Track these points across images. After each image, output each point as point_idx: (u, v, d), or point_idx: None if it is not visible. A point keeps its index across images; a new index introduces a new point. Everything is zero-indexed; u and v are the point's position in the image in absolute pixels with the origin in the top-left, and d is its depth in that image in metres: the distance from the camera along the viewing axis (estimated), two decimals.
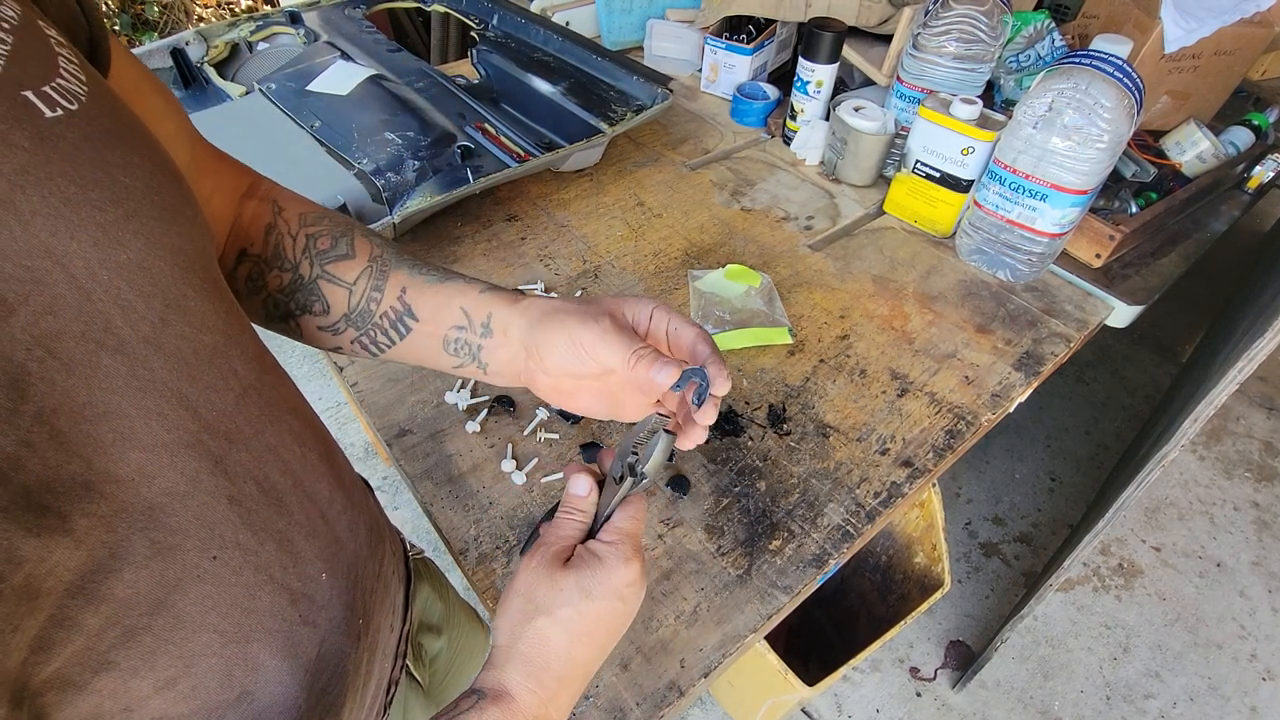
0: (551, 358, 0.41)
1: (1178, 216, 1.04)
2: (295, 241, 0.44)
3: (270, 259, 0.43)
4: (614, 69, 1.13)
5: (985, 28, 0.90)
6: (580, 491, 0.41)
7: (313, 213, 0.45)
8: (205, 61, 1.10)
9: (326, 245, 0.44)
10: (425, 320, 0.44)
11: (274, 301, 0.44)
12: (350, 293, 0.44)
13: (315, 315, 0.44)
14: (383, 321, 0.44)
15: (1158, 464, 0.82)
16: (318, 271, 0.44)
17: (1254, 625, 1.50)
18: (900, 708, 1.35)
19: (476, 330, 0.43)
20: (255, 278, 0.43)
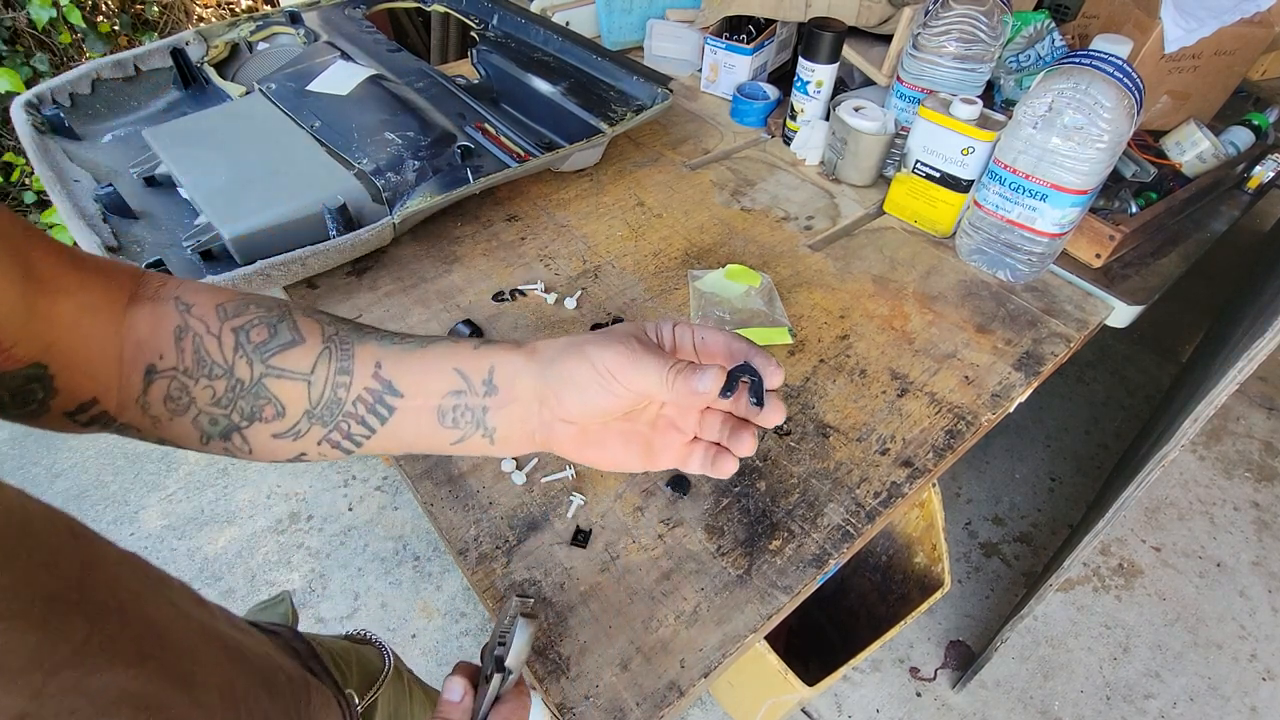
0: (573, 397, 0.36)
1: (1178, 216, 1.04)
2: (221, 341, 0.36)
3: (192, 368, 0.35)
4: (614, 69, 1.13)
5: (985, 28, 0.90)
6: (453, 698, 0.39)
7: (231, 301, 0.37)
8: (205, 61, 1.10)
9: (264, 336, 0.36)
10: (412, 394, 0.37)
11: (209, 418, 0.36)
12: (309, 384, 0.36)
13: (268, 422, 0.36)
14: (357, 408, 0.37)
15: (1158, 464, 0.82)
16: (261, 370, 0.36)
17: (1254, 625, 1.50)
18: (900, 708, 1.35)
19: (478, 390, 0.37)
20: (177, 396, 0.35)
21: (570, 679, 0.54)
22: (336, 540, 1.57)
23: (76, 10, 1.73)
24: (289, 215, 0.81)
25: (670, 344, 0.38)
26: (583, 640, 0.56)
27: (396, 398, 0.37)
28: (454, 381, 0.37)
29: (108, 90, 1.03)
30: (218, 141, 0.91)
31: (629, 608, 0.58)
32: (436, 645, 1.41)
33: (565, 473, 0.67)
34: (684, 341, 0.39)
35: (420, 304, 0.84)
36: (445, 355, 0.37)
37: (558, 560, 0.61)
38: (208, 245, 0.82)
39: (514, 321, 0.83)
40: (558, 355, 0.36)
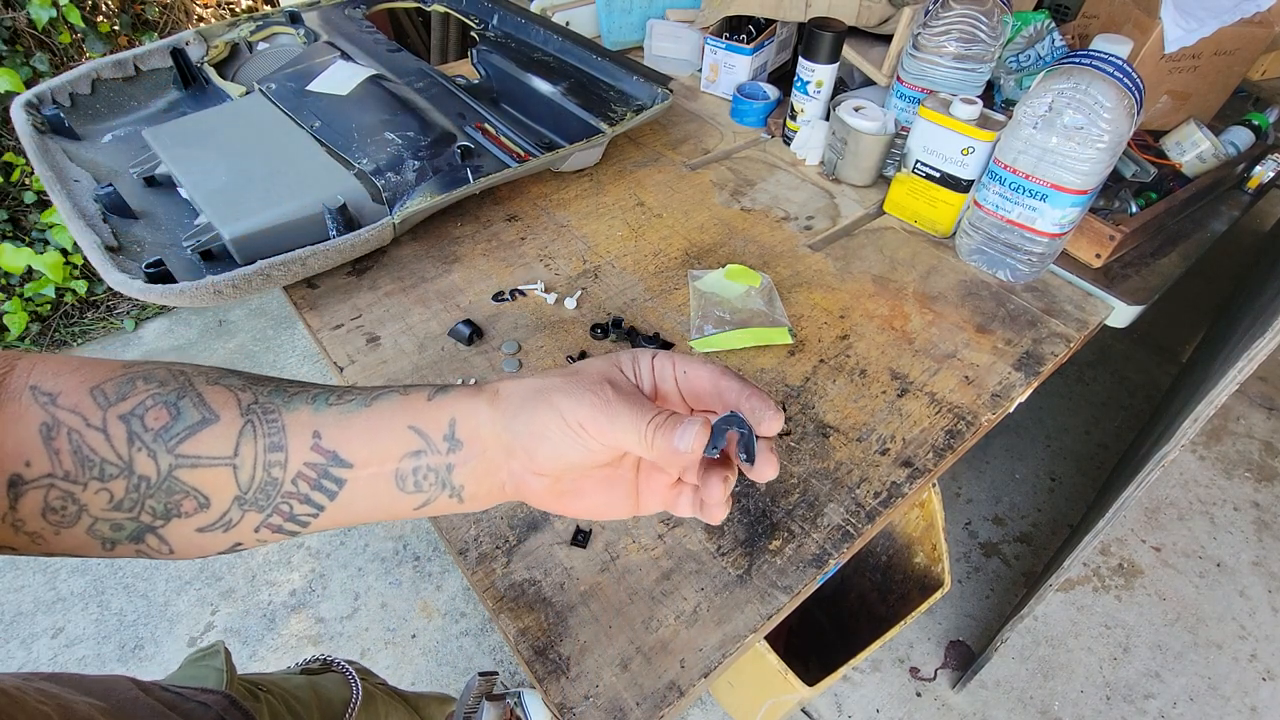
0: (544, 451, 0.32)
1: (1178, 216, 1.04)
2: (108, 434, 0.29)
3: (75, 472, 0.29)
4: (614, 69, 1.13)
5: (985, 28, 0.90)
6: None
7: (110, 381, 0.30)
8: (205, 61, 1.10)
9: (164, 419, 0.30)
10: (363, 462, 0.32)
11: (111, 524, 0.30)
12: (235, 469, 0.31)
13: (188, 516, 0.31)
14: (298, 487, 0.31)
15: (1158, 464, 0.82)
16: (170, 461, 0.30)
17: (1254, 625, 1.50)
18: (900, 708, 1.35)
19: (440, 448, 0.32)
20: (60, 506, 0.29)
21: (570, 679, 0.54)
22: (336, 540, 1.57)
23: (76, 10, 1.73)
24: (289, 215, 0.81)
25: (650, 382, 0.34)
26: (583, 640, 0.56)
27: (345, 469, 0.32)
28: (411, 441, 0.32)
29: (108, 90, 1.03)
30: (218, 141, 0.91)
31: (629, 608, 0.58)
32: (436, 645, 1.41)
33: None
34: (665, 377, 0.34)
35: (420, 304, 0.84)
36: (396, 412, 0.32)
37: (558, 560, 0.61)
38: (208, 245, 0.82)
39: (514, 321, 0.83)
40: (523, 404, 0.32)
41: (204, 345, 1.99)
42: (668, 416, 0.31)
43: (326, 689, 0.65)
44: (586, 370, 0.33)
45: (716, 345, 0.80)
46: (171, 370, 0.32)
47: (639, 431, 0.30)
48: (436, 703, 0.79)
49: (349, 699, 0.61)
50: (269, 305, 2.12)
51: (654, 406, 0.32)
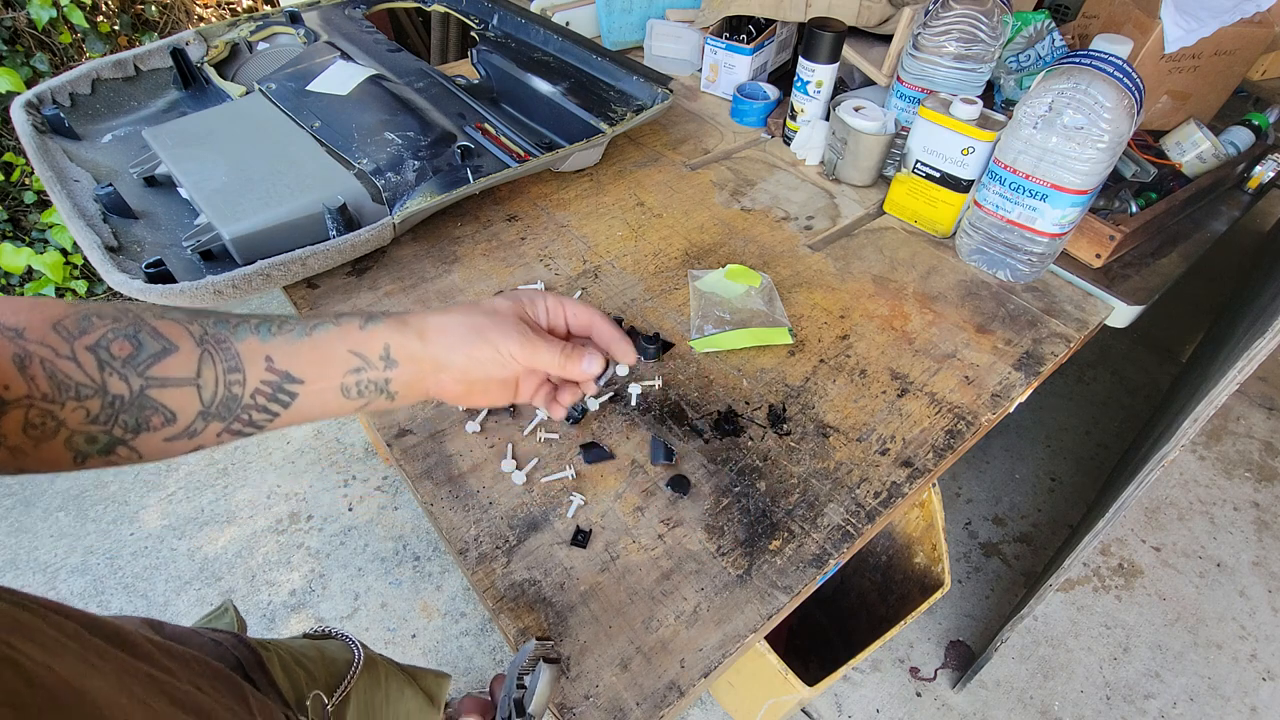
0: (476, 371, 0.42)
1: (1178, 216, 1.04)
2: (79, 361, 0.34)
3: (53, 394, 0.33)
4: (614, 69, 1.13)
5: (985, 28, 0.90)
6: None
7: (69, 317, 0.34)
8: (205, 61, 1.10)
9: (128, 349, 0.35)
10: (312, 379, 0.39)
11: (85, 437, 0.34)
12: (199, 388, 0.36)
13: (157, 430, 0.36)
14: (256, 400, 0.37)
15: (1158, 464, 0.82)
16: (141, 383, 0.35)
17: (1254, 625, 1.50)
18: (900, 708, 1.35)
19: (378, 365, 0.40)
20: (40, 422, 0.33)
21: (570, 679, 0.54)
22: (336, 540, 1.57)
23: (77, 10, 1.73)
24: (289, 215, 0.81)
25: (546, 319, 0.45)
26: (583, 640, 0.56)
27: (297, 384, 0.38)
28: (353, 361, 0.40)
29: (108, 90, 1.03)
30: (218, 141, 0.90)
31: (629, 608, 0.58)
32: (436, 645, 1.41)
33: (565, 473, 0.67)
34: (557, 315, 0.45)
35: (420, 304, 0.84)
36: (335, 340, 0.39)
37: (558, 560, 0.61)
38: (208, 245, 0.82)
39: None
40: (462, 340, 0.41)
41: None
42: (574, 348, 0.43)
43: (330, 650, 0.66)
44: (502, 309, 0.43)
45: (717, 345, 0.80)
46: (118, 308, 0.36)
47: (556, 359, 0.42)
48: (433, 677, 0.79)
49: (352, 661, 0.62)
50: (269, 305, 2.12)
51: (559, 340, 0.43)
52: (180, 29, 2.08)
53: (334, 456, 1.73)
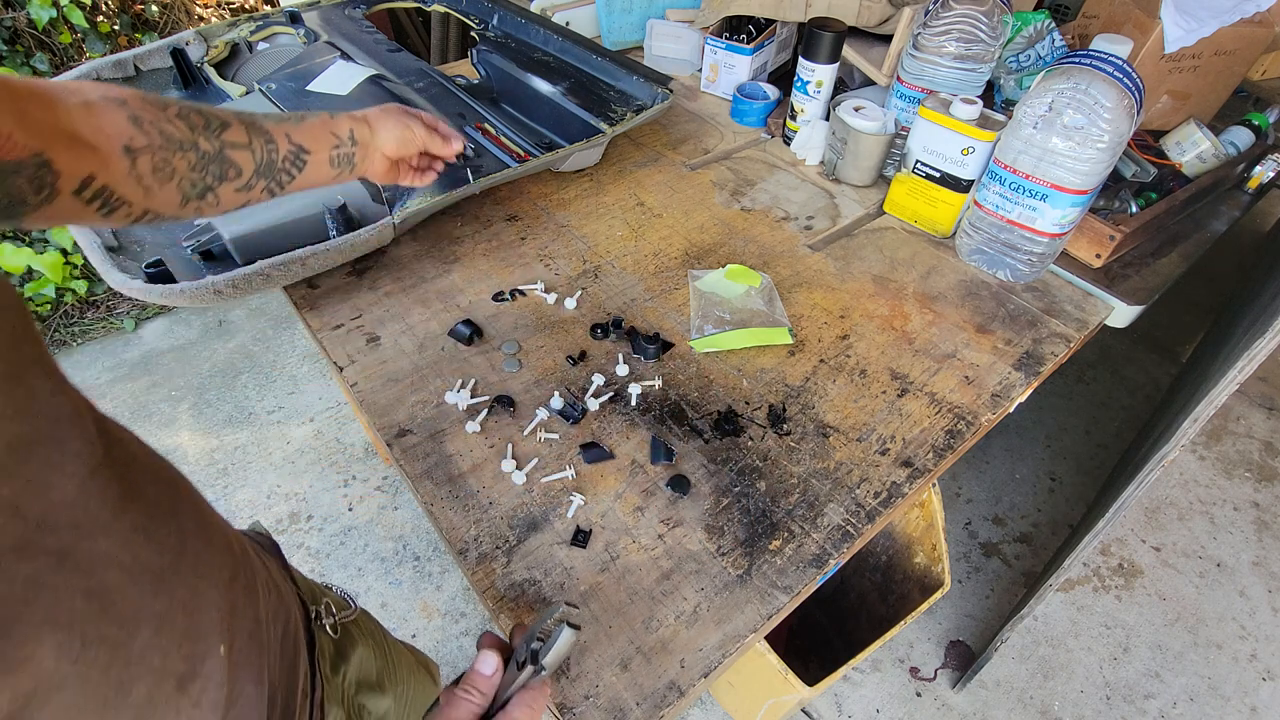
0: (401, 149, 0.65)
1: (1178, 216, 1.04)
2: (175, 125, 0.47)
3: (164, 145, 0.46)
4: (614, 69, 1.13)
5: (985, 28, 0.90)
6: (485, 671, 0.42)
7: (149, 96, 0.48)
8: (205, 61, 1.10)
9: (202, 122, 0.49)
10: (315, 150, 0.57)
11: (190, 182, 0.49)
12: (252, 151, 0.52)
13: (231, 180, 0.51)
14: (285, 164, 0.55)
15: (1158, 464, 0.82)
16: (218, 144, 0.50)
17: (1254, 625, 1.50)
18: (900, 708, 1.35)
19: (347, 144, 0.60)
20: (162, 166, 0.46)
21: (570, 679, 0.54)
22: (336, 540, 1.57)
23: (77, 10, 1.73)
24: (289, 215, 0.81)
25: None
26: (583, 640, 0.56)
27: (307, 154, 0.57)
28: (333, 140, 0.59)
29: None
30: None
31: (629, 608, 0.58)
32: (436, 645, 1.41)
33: (565, 473, 0.67)
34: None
35: (420, 304, 0.84)
36: (320, 125, 0.59)
37: (558, 560, 0.61)
38: (208, 245, 0.82)
39: (514, 321, 0.83)
40: (392, 127, 0.64)
41: (204, 345, 1.99)
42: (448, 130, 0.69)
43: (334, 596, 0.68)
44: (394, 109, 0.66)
45: (717, 345, 0.80)
46: (179, 101, 0.49)
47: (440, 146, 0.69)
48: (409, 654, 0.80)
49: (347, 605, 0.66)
50: (269, 305, 2.12)
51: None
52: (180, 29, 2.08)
53: (334, 456, 1.73)
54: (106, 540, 0.28)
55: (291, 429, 1.80)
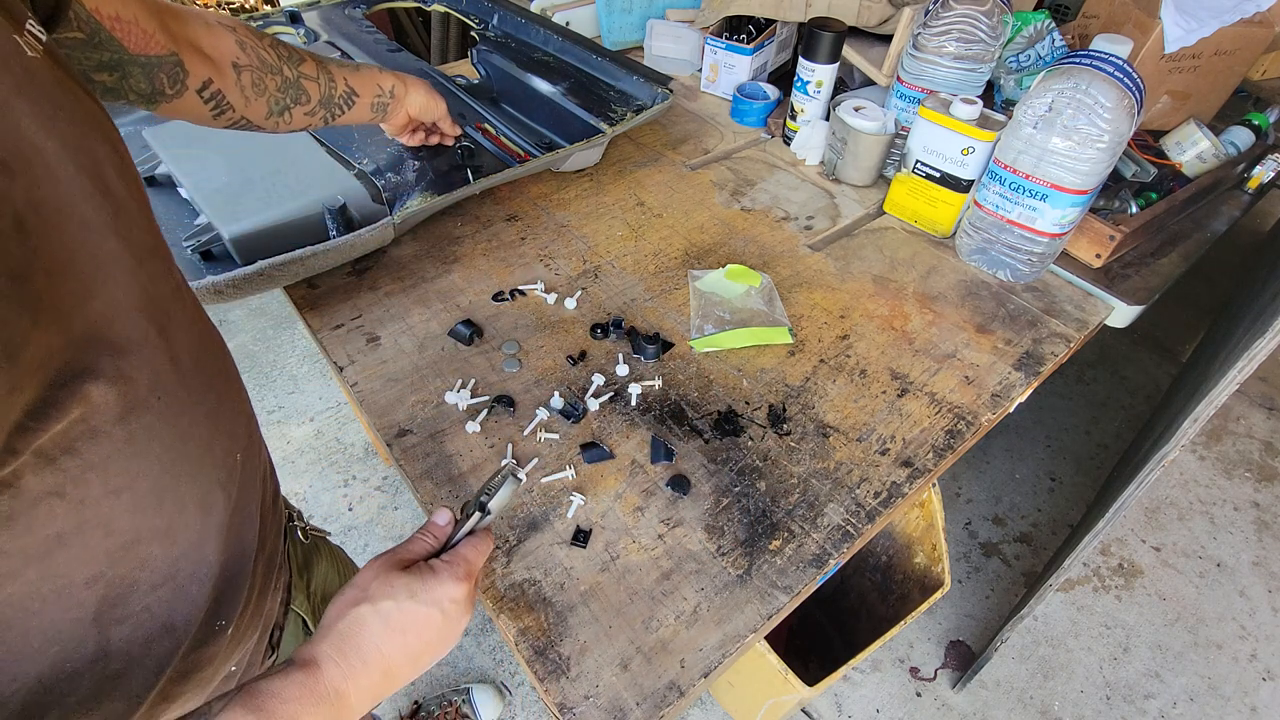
0: (422, 113, 0.84)
1: (1178, 216, 1.04)
2: (269, 52, 0.61)
3: (260, 67, 0.60)
4: (614, 69, 1.13)
5: (985, 28, 0.90)
6: (440, 521, 0.47)
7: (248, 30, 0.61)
8: None
9: (286, 53, 0.63)
10: (362, 95, 0.72)
11: (275, 100, 0.62)
12: (319, 84, 0.66)
13: (302, 105, 0.65)
14: (339, 101, 0.69)
15: (1158, 464, 0.82)
16: (296, 74, 0.64)
17: (1254, 625, 1.50)
18: (900, 708, 1.35)
19: (386, 96, 0.76)
20: (259, 82, 0.60)
21: (570, 679, 0.54)
22: (336, 540, 1.57)
23: None
24: (289, 215, 0.81)
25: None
26: (583, 640, 0.56)
27: (356, 96, 0.72)
28: (377, 90, 0.75)
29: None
30: (218, 141, 0.90)
31: (629, 608, 0.58)
32: None
33: (565, 473, 0.67)
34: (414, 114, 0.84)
35: (420, 304, 0.84)
36: (369, 76, 0.74)
37: (558, 560, 0.61)
38: (208, 245, 0.82)
39: (514, 321, 0.83)
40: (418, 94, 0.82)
41: None
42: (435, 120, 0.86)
43: None
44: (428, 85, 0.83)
45: (716, 344, 0.80)
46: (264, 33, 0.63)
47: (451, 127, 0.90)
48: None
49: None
50: (269, 305, 2.12)
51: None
52: None
53: (334, 456, 1.73)
54: (184, 334, 0.37)
55: (291, 429, 1.80)
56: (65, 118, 0.31)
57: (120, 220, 0.33)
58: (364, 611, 0.40)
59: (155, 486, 0.35)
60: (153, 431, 0.34)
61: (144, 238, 0.36)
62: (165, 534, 0.36)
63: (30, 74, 0.30)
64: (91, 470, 0.31)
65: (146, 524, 0.35)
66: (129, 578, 0.35)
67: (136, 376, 0.32)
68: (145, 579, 0.36)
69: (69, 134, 0.31)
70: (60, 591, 0.31)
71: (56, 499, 0.30)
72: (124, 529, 0.33)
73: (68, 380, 0.29)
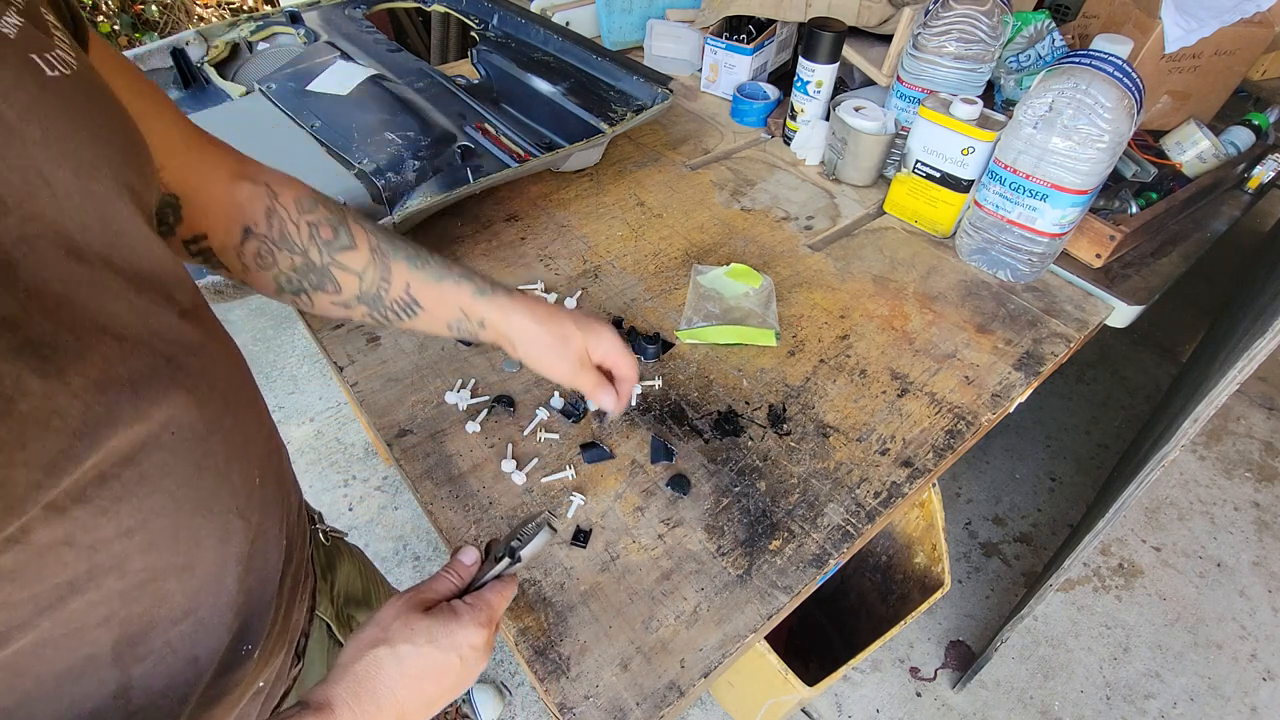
0: (537, 368, 0.57)
1: (1178, 216, 1.04)
2: (299, 229, 0.50)
3: (278, 241, 0.50)
4: (614, 69, 1.13)
5: (985, 28, 0.90)
6: (466, 560, 0.47)
7: (306, 198, 0.51)
8: (205, 61, 1.10)
9: (330, 235, 0.51)
10: (429, 310, 0.54)
11: (286, 278, 0.51)
12: (360, 279, 0.52)
13: (328, 293, 0.53)
14: (393, 306, 0.54)
15: (1158, 464, 0.82)
16: (327, 259, 0.51)
17: (1254, 625, 1.50)
18: (900, 708, 1.35)
19: (474, 324, 0.56)
20: (265, 255, 0.50)
21: (570, 679, 0.54)
22: None
23: None
24: None
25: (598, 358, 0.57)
26: (583, 640, 0.56)
27: (419, 309, 0.54)
28: (457, 315, 0.55)
29: None
30: None
31: (629, 608, 0.58)
32: None
33: (565, 473, 0.67)
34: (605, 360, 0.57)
35: None
36: (453, 295, 0.54)
37: (558, 560, 0.61)
38: None
39: None
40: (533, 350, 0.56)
41: None
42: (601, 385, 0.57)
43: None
44: (574, 341, 0.56)
45: (700, 338, 0.81)
46: (336, 205, 0.52)
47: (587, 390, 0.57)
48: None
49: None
50: (269, 305, 2.12)
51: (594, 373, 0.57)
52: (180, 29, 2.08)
53: (334, 456, 1.73)
54: (197, 360, 0.35)
55: (291, 429, 1.80)
56: (87, 139, 0.30)
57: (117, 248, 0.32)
58: (381, 654, 0.39)
59: (170, 524, 0.33)
60: (166, 468, 0.32)
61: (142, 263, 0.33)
62: (182, 569, 0.35)
63: (49, 95, 0.29)
64: (103, 515, 0.30)
65: (162, 561, 0.33)
66: (147, 615, 0.34)
67: (150, 413, 0.31)
68: (164, 615, 0.34)
69: (87, 158, 0.30)
70: (75, 634, 0.30)
71: (66, 547, 0.28)
72: (138, 569, 0.32)
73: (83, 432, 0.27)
